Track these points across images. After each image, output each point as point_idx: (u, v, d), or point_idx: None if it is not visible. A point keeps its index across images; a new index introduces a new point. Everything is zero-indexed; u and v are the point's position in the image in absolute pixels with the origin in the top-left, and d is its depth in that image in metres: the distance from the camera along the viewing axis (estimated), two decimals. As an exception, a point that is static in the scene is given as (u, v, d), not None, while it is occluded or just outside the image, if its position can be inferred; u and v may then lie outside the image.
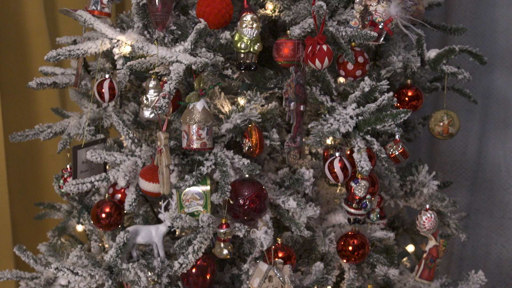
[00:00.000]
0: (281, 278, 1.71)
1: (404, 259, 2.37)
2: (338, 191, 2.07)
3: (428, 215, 2.00)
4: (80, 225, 2.20)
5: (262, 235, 1.71)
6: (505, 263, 3.05)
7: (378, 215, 2.07)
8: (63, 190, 2.06)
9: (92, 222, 1.93)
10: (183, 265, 1.71)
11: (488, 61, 2.98)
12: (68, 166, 2.05)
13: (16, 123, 2.66)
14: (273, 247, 1.82)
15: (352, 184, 1.77)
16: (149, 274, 1.76)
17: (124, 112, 2.10)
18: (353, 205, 1.77)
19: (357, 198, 1.76)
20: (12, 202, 2.71)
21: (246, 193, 1.71)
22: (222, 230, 1.71)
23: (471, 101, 2.34)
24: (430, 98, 2.87)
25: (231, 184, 1.72)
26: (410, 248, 2.27)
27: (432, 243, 2.10)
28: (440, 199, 2.04)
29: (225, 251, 1.71)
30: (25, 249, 2.11)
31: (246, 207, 1.70)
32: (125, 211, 1.94)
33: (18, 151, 2.77)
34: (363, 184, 1.75)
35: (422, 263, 2.10)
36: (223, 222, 1.72)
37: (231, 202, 1.71)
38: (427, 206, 2.02)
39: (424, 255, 2.10)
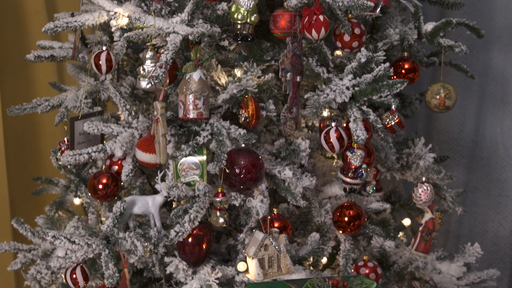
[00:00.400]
0: (276, 247, 1.72)
1: (401, 234, 2.38)
2: (334, 163, 2.08)
3: (424, 188, 2.01)
4: (77, 198, 2.21)
5: (258, 203, 1.72)
6: (502, 241, 3.06)
7: (374, 188, 2.09)
8: (60, 163, 2.07)
9: (89, 193, 1.94)
10: (179, 233, 1.72)
11: (486, 39, 2.99)
12: (65, 139, 2.06)
13: (14, 99, 2.67)
14: (269, 217, 1.83)
15: (348, 153, 1.77)
16: (146, 243, 1.77)
17: (121, 85, 2.10)
18: (349, 174, 1.77)
19: (352, 167, 1.77)
20: (10, 178, 2.72)
21: (242, 162, 1.72)
22: (218, 199, 1.72)
23: (468, 76, 2.34)
24: (427, 75, 2.87)
25: (227, 154, 1.73)
26: (407, 222, 2.29)
27: (428, 216, 2.11)
28: (436, 172, 2.05)
29: (221, 220, 1.72)
30: (23, 222, 2.12)
31: (242, 176, 1.71)
32: (122, 183, 1.95)
33: (17, 128, 2.78)
34: (358, 153, 1.76)
35: (418, 236, 2.11)
36: (219, 191, 1.73)
37: (227, 171, 1.71)
38: (423, 179, 2.03)
39: (420, 228, 2.11)
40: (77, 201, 2.22)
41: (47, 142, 2.82)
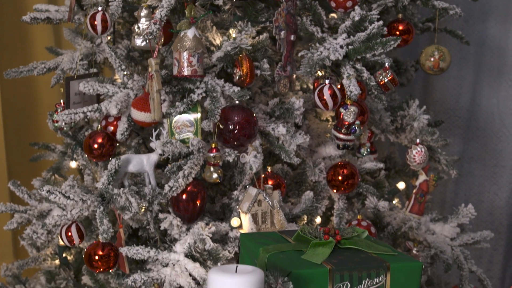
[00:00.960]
0: (270, 203, 1.74)
1: (396, 201, 2.39)
2: (329, 125, 2.09)
3: (418, 149, 2.03)
4: (74, 161, 2.22)
5: (252, 158, 1.73)
6: (497, 211, 3.08)
7: (369, 150, 2.10)
8: (56, 125, 2.08)
9: (85, 155, 1.96)
10: (173, 189, 1.73)
11: (482, 9, 3.00)
12: (61, 101, 2.07)
13: (11, 65, 2.68)
14: (263, 175, 1.84)
15: (342, 110, 1.78)
16: (140, 200, 1.78)
17: (117, 48, 2.11)
18: (342, 130, 1.78)
19: (346, 123, 1.78)
20: (8, 145, 2.73)
21: (236, 119, 1.73)
22: (212, 154, 1.73)
23: (463, 42, 2.35)
24: (423, 42, 2.87)
25: (221, 110, 1.73)
26: (401, 185, 2.30)
27: (422, 177, 2.12)
28: (430, 133, 2.06)
29: (215, 175, 1.73)
30: (19, 184, 2.14)
31: (235, 132, 1.72)
32: (117, 143, 1.96)
33: (14, 94, 2.79)
34: (352, 109, 1.77)
35: (412, 198, 2.12)
36: (213, 146, 1.74)
37: (221, 126, 1.72)
38: (418, 141, 2.04)
39: (414, 190, 2.12)
40: (73, 164, 2.23)
41: (45, 109, 2.83)
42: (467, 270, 2.01)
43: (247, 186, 1.80)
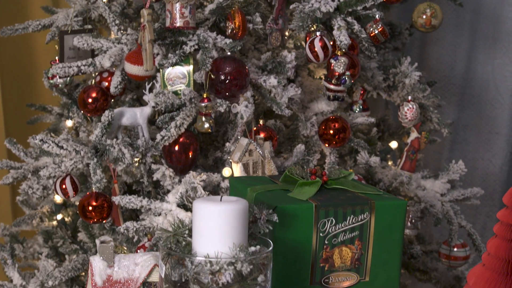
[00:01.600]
0: (261, 153, 1.76)
1: (390, 163, 2.41)
2: (321, 83, 2.10)
3: (410, 106, 2.05)
4: (69, 120, 2.25)
5: (243, 108, 1.75)
6: (491, 178, 3.10)
7: (361, 107, 2.12)
8: (51, 81, 2.10)
9: (80, 111, 1.98)
10: (165, 138, 1.75)
11: (478, -24, 3.00)
12: (56, 58, 2.09)
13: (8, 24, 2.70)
14: (255, 128, 1.86)
15: (332, 61, 1.80)
16: (133, 152, 1.80)
17: (111, 4, 2.12)
18: (332, 81, 1.80)
19: (336, 74, 1.79)
20: (5, 108, 2.76)
21: (227, 69, 1.75)
22: (203, 104, 1.75)
23: (457, 4, 2.36)
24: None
25: (213, 61, 1.75)
26: (393, 144, 2.32)
27: (414, 135, 2.14)
28: (422, 90, 2.07)
29: (206, 125, 1.75)
30: (15, 142, 2.16)
31: (227, 82, 1.74)
32: (112, 99, 1.98)
33: (12, 56, 2.81)
34: (342, 60, 1.78)
35: (404, 155, 2.14)
36: (205, 96, 1.76)
37: (212, 77, 1.74)
38: (409, 98, 2.06)
39: (406, 147, 2.14)
40: (69, 123, 2.26)
41: (42, 72, 2.86)
42: (457, 224, 2.03)
43: (239, 137, 1.82)
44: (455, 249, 2.08)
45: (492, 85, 3.05)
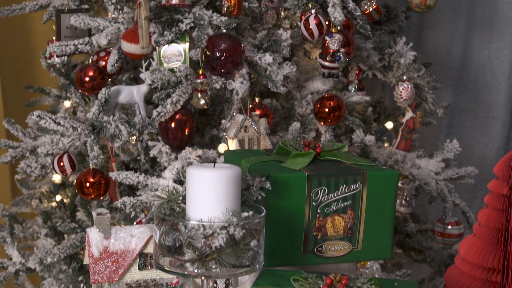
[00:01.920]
0: (256, 129, 1.78)
1: (386, 145, 2.43)
2: (317, 63, 2.12)
3: (405, 86, 2.06)
4: (67, 101, 2.26)
5: (238, 84, 1.77)
6: (487, 162, 3.11)
7: (357, 87, 2.13)
8: (49, 61, 2.11)
9: (77, 90, 2.00)
10: (161, 114, 1.77)
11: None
12: (53, 38, 2.10)
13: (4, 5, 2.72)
14: (250, 105, 1.88)
15: (326, 38, 1.81)
16: (130, 129, 1.82)
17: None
18: (327, 58, 1.82)
19: (330, 51, 1.81)
20: (4, 91, 2.78)
21: (223, 46, 1.76)
22: (199, 81, 1.77)
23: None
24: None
25: (209, 39, 1.77)
26: (389, 125, 2.33)
27: (409, 115, 2.15)
28: (417, 70, 2.09)
29: (202, 101, 1.77)
30: (14, 122, 2.18)
31: (223, 59, 1.75)
32: (109, 78, 1.99)
33: (10, 38, 2.82)
34: (337, 37, 1.80)
35: (399, 135, 2.16)
36: (200, 72, 1.77)
37: (208, 53, 1.76)
38: (404, 77, 2.08)
39: (401, 127, 2.16)
40: (67, 103, 2.27)
41: (40, 51, 2.88)
42: (451, 202, 2.05)
43: (235, 114, 1.84)
44: (449, 227, 2.10)
45: (489, 69, 3.06)
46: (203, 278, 1.12)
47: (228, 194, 1.14)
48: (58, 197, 2.32)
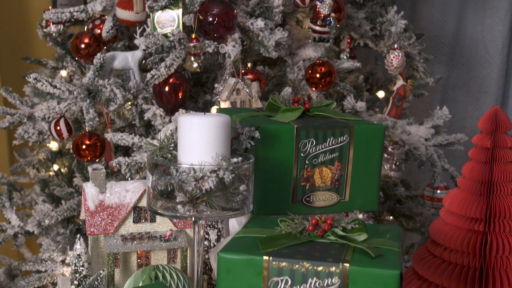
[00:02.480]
0: (248, 91, 1.81)
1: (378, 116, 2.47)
2: (309, 31, 2.15)
3: (396, 54, 2.10)
4: (64, 70, 2.30)
5: (230, 48, 1.81)
6: (480, 136, 3.15)
7: (348, 55, 2.17)
8: (45, 30, 2.15)
9: (73, 54, 2.03)
10: (155, 76, 1.81)
11: None
12: (49, 7, 2.14)
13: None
14: (243, 71, 1.92)
15: (317, 2, 1.85)
16: (125, 93, 1.86)
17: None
18: (318, 22, 1.85)
19: (321, 15, 1.84)
20: (1, 63, 2.81)
21: (215, 11, 1.80)
22: (192, 44, 1.80)
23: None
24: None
25: (202, 3, 1.80)
26: (381, 94, 2.37)
27: (400, 82, 2.19)
28: (407, 38, 2.12)
29: (195, 64, 1.81)
30: (11, 90, 2.22)
31: (215, 23, 1.79)
32: (104, 46, 2.03)
33: (7, 19, 2.85)
34: (327, 2, 1.83)
35: (390, 102, 2.20)
36: (193, 36, 1.81)
37: (200, 18, 1.79)
38: (395, 46, 2.12)
39: (392, 95, 2.20)
40: (63, 73, 2.31)
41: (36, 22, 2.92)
42: (440, 167, 2.10)
43: (227, 78, 1.88)
44: (438, 191, 2.14)
45: (482, 44, 3.10)
46: (193, 219, 1.16)
47: (218, 141, 1.18)
48: (56, 167, 2.37)
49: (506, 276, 1.36)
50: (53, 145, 2.27)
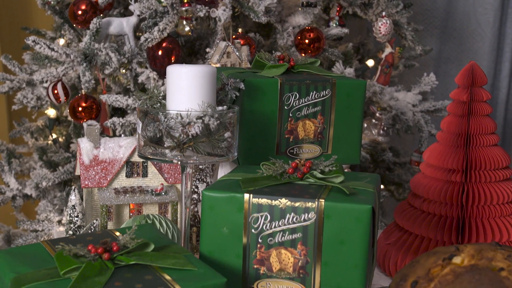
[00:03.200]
0: (238, 55, 1.87)
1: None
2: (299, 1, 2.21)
3: (384, 21, 2.15)
4: (61, 39, 2.36)
5: (221, 11, 1.86)
6: (471, 108, 3.20)
7: (337, 23, 2.23)
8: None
9: (70, 21, 2.09)
10: (148, 40, 1.87)
11: None
12: (47, -24, 2.20)
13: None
14: (234, 36, 1.98)
15: (305, -32, 1.91)
16: (120, 57, 1.92)
17: None
18: (306, -14, 1.91)
19: (309, -20, 1.90)
20: (1, 33, 2.87)
21: (207, -24, 1.86)
22: (184, 8, 1.86)
23: None
24: None
25: (194, -31, 1.87)
26: (370, 62, 2.43)
27: (388, 50, 2.25)
28: (395, 5, 2.18)
29: (187, 28, 1.87)
30: (11, 58, 2.28)
31: (207, -12, 1.85)
32: (101, 13, 2.09)
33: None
34: (315, -33, 1.89)
35: (378, 70, 2.26)
36: (185, 1, 1.87)
37: (192, -17, 1.86)
38: (383, 13, 2.17)
39: (381, 62, 2.26)
40: (61, 41, 2.37)
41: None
42: (427, 132, 2.16)
43: (218, 42, 1.94)
44: (425, 155, 2.20)
45: (473, 18, 3.14)
46: (179, 163, 1.23)
47: (204, 89, 1.25)
48: (54, 136, 2.43)
49: (482, 225, 1.43)
50: (51, 112, 2.33)
